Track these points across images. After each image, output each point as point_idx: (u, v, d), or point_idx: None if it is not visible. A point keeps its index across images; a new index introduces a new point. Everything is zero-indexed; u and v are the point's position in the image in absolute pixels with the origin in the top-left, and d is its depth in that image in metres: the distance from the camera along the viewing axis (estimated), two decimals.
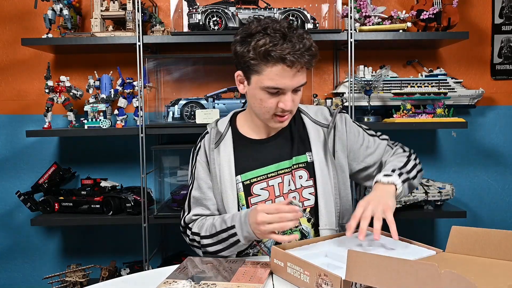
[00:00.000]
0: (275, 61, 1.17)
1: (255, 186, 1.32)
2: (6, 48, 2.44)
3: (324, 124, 1.37)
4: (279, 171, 1.32)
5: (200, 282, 1.00)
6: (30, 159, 2.48)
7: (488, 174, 2.52)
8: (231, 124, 1.41)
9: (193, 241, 1.30)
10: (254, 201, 1.31)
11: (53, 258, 2.52)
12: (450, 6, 2.21)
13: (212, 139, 1.36)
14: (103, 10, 2.18)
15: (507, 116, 2.49)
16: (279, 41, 1.16)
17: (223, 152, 1.34)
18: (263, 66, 1.19)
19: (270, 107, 1.24)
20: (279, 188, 1.32)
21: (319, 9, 2.30)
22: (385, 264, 0.78)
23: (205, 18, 2.05)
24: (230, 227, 1.21)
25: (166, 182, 2.38)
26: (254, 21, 1.24)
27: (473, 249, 0.98)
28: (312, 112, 1.40)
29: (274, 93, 1.22)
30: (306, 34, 1.20)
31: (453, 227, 1.03)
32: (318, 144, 1.34)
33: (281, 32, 1.17)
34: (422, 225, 2.49)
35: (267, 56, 1.17)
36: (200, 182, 1.36)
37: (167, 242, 2.51)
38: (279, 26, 1.18)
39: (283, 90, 1.21)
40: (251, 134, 1.38)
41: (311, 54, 1.19)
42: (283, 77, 1.19)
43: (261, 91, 1.23)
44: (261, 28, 1.19)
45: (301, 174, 1.33)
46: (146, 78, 2.14)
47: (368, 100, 2.22)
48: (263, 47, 1.16)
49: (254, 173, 1.32)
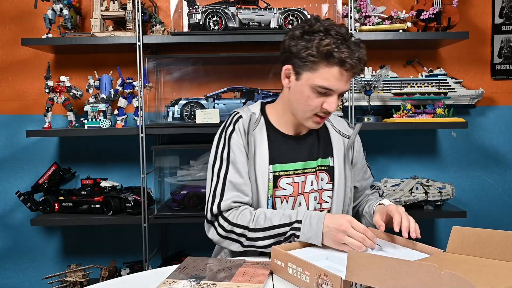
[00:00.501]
0: (334, 63, 1.19)
1: (282, 180, 1.33)
2: (6, 48, 2.44)
3: (345, 135, 1.43)
4: (304, 169, 1.36)
5: (200, 282, 1.00)
6: (30, 159, 2.48)
7: (488, 174, 2.52)
8: (263, 114, 1.41)
9: (230, 232, 1.24)
10: (279, 194, 1.33)
11: (53, 258, 2.52)
12: (450, 6, 2.21)
13: (251, 122, 1.34)
14: (103, 10, 2.18)
15: (507, 116, 2.49)
16: (341, 44, 1.18)
17: (259, 138, 1.33)
18: (321, 65, 1.20)
19: (315, 106, 1.26)
20: (301, 187, 1.35)
21: (319, 9, 2.30)
22: (385, 264, 0.78)
23: (205, 18, 2.05)
24: (295, 221, 1.18)
25: (166, 182, 2.37)
26: (313, 20, 1.25)
27: (474, 249, 0.98)
28: (333, 120, 1.46)
29: (322, 93, 1.24)
30: (361, 43, 1.23)
31: (453, 227, 1.03)
32: (339, 151, 1.39)
33: (342, 37, 1.19)
34: (422, 225, 2.46)
35: (329, 56, 1.18)
36: (238, 166, 1.30)
37: (167, 242, 2.51)
38: (340, 30, 1.21)
39: (332, 92, 1.23)
40: (284, 128, 1.39)
41: (365, 64, 1.24)
42: (338, 79, 1.21)
43: (310, 89, 1.24)
44: (323, 28, 1.21)
45: (323, 177, 1.38)
46: (146, 78, 2.14)
47: (368, 100, 2.22)
48: (327, 47, 1.18)
49: (284, 167, 1.34)
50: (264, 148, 1.33)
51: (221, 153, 1.34)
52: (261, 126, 1.36)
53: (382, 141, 2.48)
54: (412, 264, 0.75)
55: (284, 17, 2.08)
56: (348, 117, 2.11)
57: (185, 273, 1.06)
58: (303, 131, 1.40)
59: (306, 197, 1.36)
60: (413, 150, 2.50)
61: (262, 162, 1.31)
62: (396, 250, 1.12)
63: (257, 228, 1.21)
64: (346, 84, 1.24)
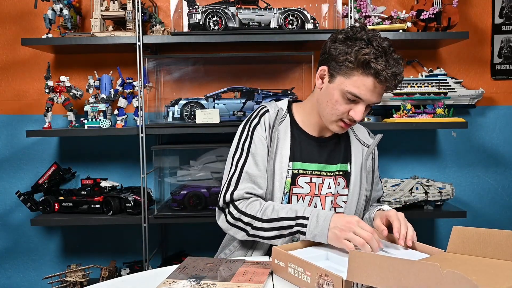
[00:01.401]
0: (369, 73, 1.20)
1: (300, 178, 1.35)
2: (6, 48, 2.44)
3: (364, 143, 1.44)
4: (322, 172, 1.37)
5: (200, 282, 1.00)
6: (30, 159, 2.48)
7: (488, 174, 2.52)
8: (290, 112, 1.42)
9: (238, 220, 1.27)
10: (296, 192, 1.34)
11: (53, 258, 2.52)
12: (450, 6, 2.21)
13: (278, 117, 1.36)
14: (103, 10, 2.18)
15: (507, 116, 2.49)
16: (380, 56, 1.19)
17: (283, 134, 1.35)
18: (356, 72, 1.22)
19: (342, 112, 1.27)
20: (318, 188, 1.36)
21: (319, 9, 2.30)
22: (387, 264, 0.78)
23: (205, 18, 2.05)
24: (301, 217, 1.19)
25: (166, 182, 2.38)
26: (359, 27, 1.26)
27: (474, 249, 0.98)
28: (355, 127, 1.47)
29: (351, 100, 1.25)
30: (401, 60, 1.24)
31: (454, 227, 1.03)
32: (358, 158, 1.41)
33: (383, 49, 1.20)
34: (422, 225, 2.49)
35: (366, 65, 1.19)
36: (257, 159, 1.33)
37: (167, 242, 2.51)
38: (383, 43, 1.22)
39: (361, 101, 1.24)
40: (306, 127, 1.41)
41: (399, 80, 1.24)
42: (369, 90, 1.22)
43: (340, 94, 1.25)
44: (367, 38, 1.22)
45: (340, 182, 1.39)
46: (146, 78, 2.14)
47: None
48: (365, 56, 1.19)
49: (304, 166, 1.36)
50: (286, 144, 1.34)
51: (243, 143, 1.36)
52: (286, 123, 1.38)
53: (382, 141, 2.45)
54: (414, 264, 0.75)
55: (284, 17, 2.08)
56: None
57: (185, 273, 1.06)
58: (326, 133, 1.41)
59: (322, 200, 1.37)
60: (413, 150, 2.50)
61: (282, 158, 1.33)
62: (397, 251, 1.12)
63: (264, 219, 1.24)
64: (377, 96, 1.25)
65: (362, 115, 1.26)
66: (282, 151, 1.33)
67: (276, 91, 2.19)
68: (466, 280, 0.66)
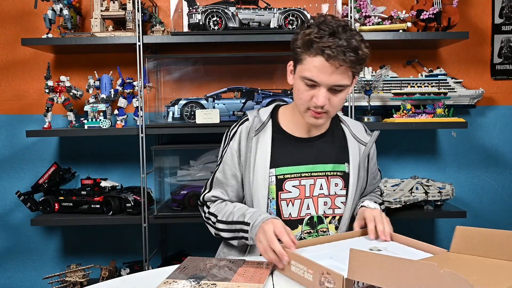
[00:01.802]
0: (316, 52, 1.17)
1: (287, 183, 1.32)
2: (6, 48, 2.44)
3: (361, 141, 1.41)
4: (313, 173, 1.34)
5: (200, 282, 1.00)
6: (30, 159, 2.48)
7: (488, 174, 2.52)
8: (272, 116, 1.40)
9: (208, 219, 1.37)
10: (284, 197, 1.32)
11: (53, 258, 2.52)
12: (450, 6, 2.21)
13: (253, 126, 1.35)
14: (103, 10, 2.18)
15: (507, 116, 2.49)
16: (326, 34, 1.16)
17: (261, 143, 1.34)
18: (305, 55, 1.20)
19: (306, 100, 1.24)
20: (309, 190, 1.33)
21: (319, 9, 2.30)
22: (386, 263, 0.79)
23: (205, 18, 2.05)
24: (245, 222, 1.23)
25: (166, 182, 2.38)
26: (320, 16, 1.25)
27: (477, 249, 0.98)
28: (351, 125, 1.44)
29: (311, 86, 1.22)
30: (357, 36, 1.19)
31: (457, 227, 1.03)
32: (355, 158, 1.38)
33: (332, 28, 1.17)
34: (422, 225, 2.49)
35: (310, 46, 1.18)
36: (225, 167, 1.37)
37: (167, 242, 2.51)
38: (333, 23, 1.19)
39: (319, 84, 1.21)
40: (291, 130, 1.38)
41: (355, 55, 1.17)
42: (320, 71, 1.18)
43: (301, 82, 1.23)
44: (316, 22, 1.21)
45: (337, 182, 1.36)
46: (146, 78, 2.14)
47: (368, 100, 2.22)
48: (308, 36, 1.18)
49: (289, 169, 1.33)
50: (266, 152, 1.32)
51: (221, 149, 1.42)
52: (266, 130, 1.36)
53: (382, 141, 2.46)
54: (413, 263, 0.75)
55: (284, 17, 2.08)
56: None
57: (185, 273, 1.06)
58: (314, 132, 1.38)
59: (315, 201, 1.34)
60: (413, 150, 2.50)
61: (262, 166, 1.31)
62: (400, 250, 1.12)
63: (222, 220, 1.30)
64: (332, 76, 1.18)
65: (326, 100, 1.21)
66: (261, 159, 1.32)
67: (276, 91, 2.20)
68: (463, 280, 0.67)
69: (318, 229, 1.34)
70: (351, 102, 2.11)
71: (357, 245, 1.14)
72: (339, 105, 1.28)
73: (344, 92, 1.24)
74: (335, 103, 1.25)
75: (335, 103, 1.25)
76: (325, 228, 1.34)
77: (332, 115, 1.31)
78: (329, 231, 1.34)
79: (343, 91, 1.23)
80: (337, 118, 1.44)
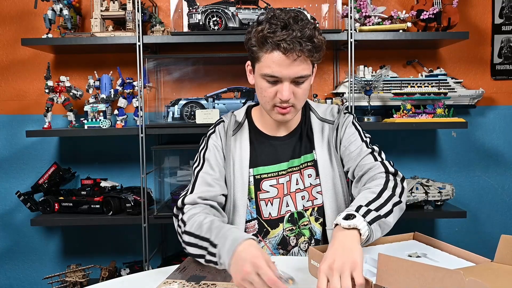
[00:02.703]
0: (271, 48, 1.16)
1: (265, 182, 1.31)
2: (6, 48, 2.44)
3: (330, 121, 1.35)
4: (289, 169, 1.32)
5: (200, 282, 1.00)
6: (30, 159, 2.48)
7: (488, 174, 2.52)
8: (248, 117, 1.39)
9: (178, 227, 1.18)
10: (263, 197, 1.31)
11: (53, 258, 2.52)
12: (450, 6, 2.21)
13: (231, 126, 1.34)
14: (103, 10, 2.18)
15: (507, 116, 2.49)
16: (278, 28, 1.15)
17: (239, 142, 1.33)
18: (262, 52, 1.19)
19: (269, 97, 1.22)
20: (287, 187, 1.32)
21: (319, 9, 2.30)
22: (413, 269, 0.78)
23: (205, 18, 2.05)
24: (213, 244, 1.04)
25: (166, 182, 2.38)
26: (268, 12, 1.23)
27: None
28: (321, 110, 1.39)
29: (273, 82, 1.20)
30: (310, 25, 1.17)
31: (502, 236, 0.98)
32: (322, 141, 1.33)
33: (283, 21, 1.16)
34: (422, 225, 2.49)
35: (264, 42, 1.16)
36: (212, 163, 1.30)
37: (167, 242, 2.51)
38: (283, 15, 1.17)
39: (281, 79, 1.19)
40: (264, 129, 1.37)
41: (311, 43, 1.16)
42: (279, 65, 1.17)
43: (262, 80, 1.22)
44: (265, 17, 1.19)
45: (310, 173, 1.33)
46: (146, 78, 2.14)
47: (368, 100, 2.22)
48: (261, 33, 1.16)
49: (266, 169, 1.32)
50: (245, 152, 1.32)
51: (199, 152, 1.35)
52: (243, 130, 1.35)
53: (382, 141, 2.48)
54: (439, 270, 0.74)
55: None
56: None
57: (185, 273, 1.06)
58: (285, 129, 1.36)
59: (293, 197, 1.32)
60: (413, 150, 2.50)
61: (241, 166, 1.30)
62: (441, 257, 1.06)
63: (190, 232, 1.12)
64: (292, 68, 1.17)
65: (290, 93, 1.19)
66: (240, 159, 1.31)
67: None
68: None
69: (300, 224, 1.32)
70: (351, 102, 2.11)
71: (397, 250, 1.08)
72: (304, 97, 1.25)
73: (307, 82, 1.23)
74: (300, 95, 1.23)
75: (300, 95, 1.23)
76: (306, 222, 1.32)
77: (299, 108, 1.28)
78: (311, 223, 1.32)
79: (306, 81, 1.22)
80: (307, 108, 1.40)
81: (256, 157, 1.32)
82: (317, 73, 2.46)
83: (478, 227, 2.48)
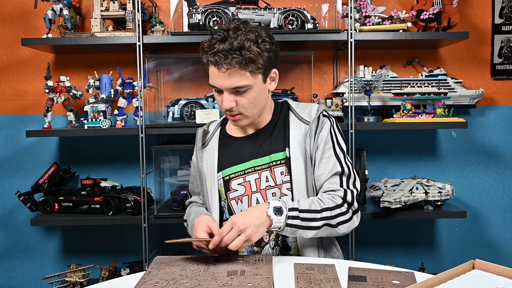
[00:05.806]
0: (207, 61, 1.24)
1: (233, 182, 1.36)
2: (6, 48, 2.44)
3: (306, 121, 1.36)
4: (256, 167, 1.35)
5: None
6: (30, 159, 2.48)
7: (488, 174, 2.52)
8: (222, 124, 1.47)
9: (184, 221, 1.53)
10: (232, 196, 1.36)
11: (53, 258, 2.52)
12: (450, 6, 2.21)
13: (198, 139, 1.45)
14: (103, 10, 2.18)
15: (507, 116, 2.49)
16: (216, 41, 1.20)
17: (208, 151, 1.42)
18: (207, 65, 1.26)
19: (220, 105, 1.31)
20: (256, 184, 1.34)
21: (319, 9, 2.30)
22: None
23: (205, 18, 2.05)
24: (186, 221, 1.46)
25: (166, 182, 2.38)
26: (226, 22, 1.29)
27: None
28: (299, 109, 1.40)
29: (218, 91, 1.28)
30: (250, 35, 1.19)
31: None
32: (296, 140, 1.34)
33: (223, 33, 1.20)
34: (422, 225, 2.49)
35: (203, 55, 1.24)
36: (191, 179, 1.54)
37: None
38: (227, 26, 1.22)
39: (221, 89, 1.26)
40: (235, 132, 1.43)
41: (240, 55, 1.18)
42: (216, 77, 1.24)
43: (213, 89, 1.30)
44: (215, 30, 1.25)
45: (282, 170, 1.33)
46: (146, 78, 2.14)
47: (368, 100, 2.22)
48: (201, 46, 1.24)
49: (233, 169, 1.36)
50: (213, 158, 1.39)
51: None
52: (214, 139, 1.44)
53: (382, 141, 2.48)
54: None
55: (284, 17, 2.08)
56: (348, 117, 2.11)
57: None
58: (249, 130, 1.40)
59: (263, 194, 1.33)
60: (413, 150, 2.50)
61: (210, 172, 1.39)
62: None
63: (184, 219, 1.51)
64: (227, 80, 1.22)
65: (228, 103, 1.24)
66: (209, 166, 1.39)
67: (276, 91, 2.19)
68: None
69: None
70: (351, 102, 2.12)
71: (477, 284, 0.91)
72: (250, 105, 1.26)
73: (251, 92, 1.25)
74: (244, 104, 1.26)
75: (244, 103, 1.26)
76: None
77: (251, 115, 1.30)
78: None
79: (249, 91, 1.24)
80: (286, 107, 1.41)
81: (224, 160, 1.39)
82: (317, 73, 2.46)
83: (478, 227, 2.49)
